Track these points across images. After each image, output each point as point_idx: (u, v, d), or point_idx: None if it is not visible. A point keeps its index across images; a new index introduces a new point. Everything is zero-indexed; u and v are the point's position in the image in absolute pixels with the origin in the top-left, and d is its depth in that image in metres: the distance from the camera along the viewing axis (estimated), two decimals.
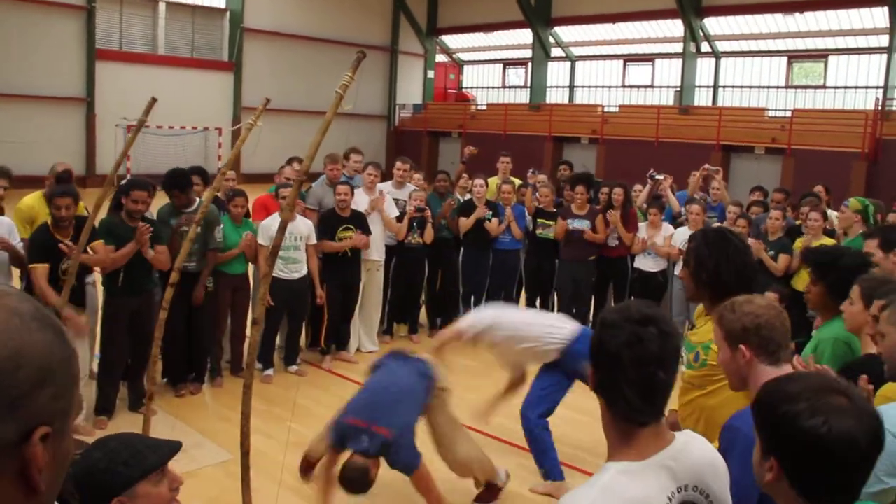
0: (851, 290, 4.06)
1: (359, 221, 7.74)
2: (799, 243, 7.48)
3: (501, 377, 5.78)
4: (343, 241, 7.62)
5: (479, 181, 8.92)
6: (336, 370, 7.74)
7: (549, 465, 5.28)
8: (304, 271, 7.40)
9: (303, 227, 7.37)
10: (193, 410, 6.57)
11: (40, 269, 5.48)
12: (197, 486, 4.94)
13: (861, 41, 23.81)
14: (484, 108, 31.97)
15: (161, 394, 6.93)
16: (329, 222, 7.67)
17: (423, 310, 9.20)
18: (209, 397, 6.95)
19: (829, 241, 7.20)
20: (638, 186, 9.69)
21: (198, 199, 6.79)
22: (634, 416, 1.83)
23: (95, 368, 6.40)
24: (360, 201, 8.05)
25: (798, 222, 8.23)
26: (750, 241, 7.56)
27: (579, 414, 6.10)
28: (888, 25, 21.89)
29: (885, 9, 21.58)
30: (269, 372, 7.38)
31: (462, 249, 8.96)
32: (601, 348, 1.86)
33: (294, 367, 7.60)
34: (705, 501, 1.91)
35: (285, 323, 7.63)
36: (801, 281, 7.14)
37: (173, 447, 2.20)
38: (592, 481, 1.85)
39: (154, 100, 4.98)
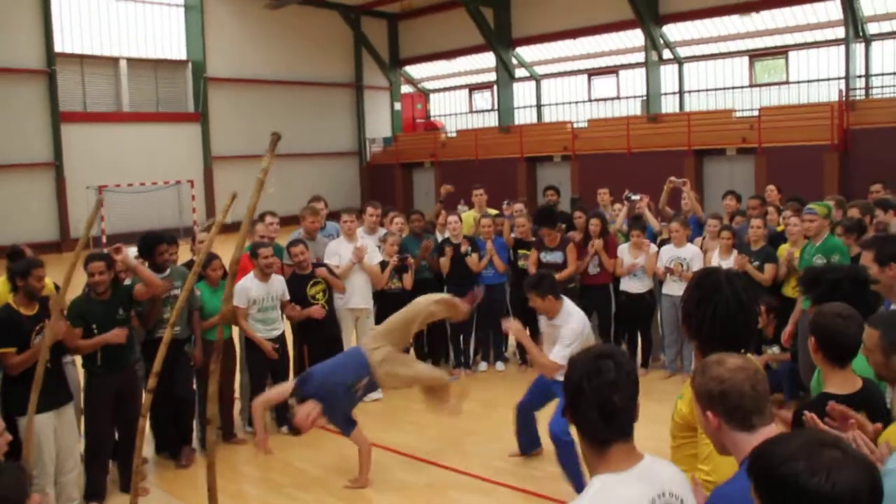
0: (862, 256, 4.10)
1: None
2: (782, 250, 7.44)
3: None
4: (315, 296, 7.51)
5: (452, 218, 8.87)
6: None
7: (575, 476, 5.50)
8: (282, 328, 7.32)
9: (278, 285, 7.28)
10: (188, 484, 6.36)
11: (8, 355, 5.29)
12: None
13: (818, 35, 24.06)
14: (454, 135, 32.04)
15: (156, 469, 6.77)
16: (296, 285, 7.54)
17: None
18: (201, 468, 6.75)
19: None
20: (618, 206, 9.61)
21: (169, 266, 6.70)
22: (599, 435, 2.14)
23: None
24: (343, 251, 7.95)
25: (780, 228, 8.20)
26: (736, 256, 7.55)
27: None
28: (842, 17, 22.18)
29: (838, 1, 21.86)
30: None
31: (445, 289, 8.84)
32: (568, 381, 2.18)
33: (286, 428, 7.43)
34: None
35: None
36: (791, 288, 7.11)
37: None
38: (581, 494, 2.14)
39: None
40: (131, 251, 7.13)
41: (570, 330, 5.88)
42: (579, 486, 5.39)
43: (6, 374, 5.41)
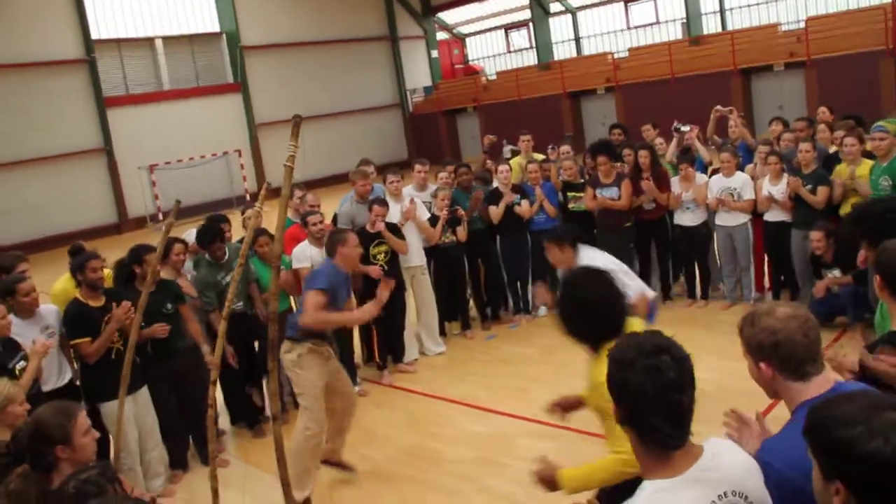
0: None
1: (391, 232, 7.69)
2: (842, 169, 7.24)
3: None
4: (376, 257, 7.59)
5: (503, 167, 8.80)
6: (397, 384, 7.73)
7: None
8: None
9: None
10: (264, 453, 6.56)
11: (83, 344, 5.54)
12: None
13: None
14: (494, 77, 31.66)
15: (231, 440, 7.01)
16: (360, 241, 7.61)
17: (471, 304, 9.14)
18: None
19: (869, 164, 6.95)
20: (659, 140, 9.42)
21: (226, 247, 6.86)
22: (668, 442, 1.96)
23: None
24: (391, 212, 8.01)
25: (833, 149, 7.97)
26: (788, 178, 7.39)
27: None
28: None
29: None
30: None
31: (498, 238, 8.87)
32: (623, 387, 1.99)
33: (356, 388, 7.59)
34: None
35: None
36: (849, 209, 6.96)
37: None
38: (630, 501, 1.96)
39: (179, 202, 4.98)
40: (190, 234, 7.31)
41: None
42: None
43: (84, 363, 5.65)
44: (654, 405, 1.92)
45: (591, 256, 5.48)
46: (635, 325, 3.27)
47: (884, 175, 6.43)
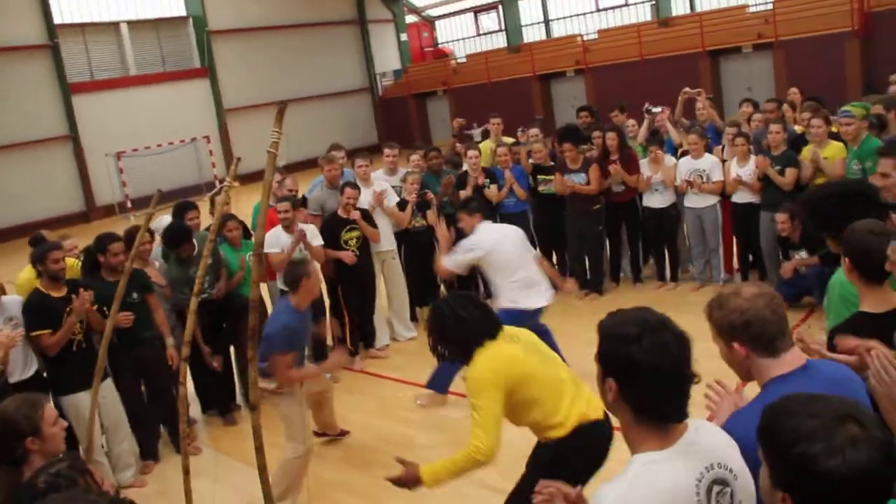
0: (880, 163, 4.00)
1: (363, 219, 7.66)
2: (806, 152, 7.32)
3: None
4: (348, 242, 7.55)
5: (472, 152, 8.79)
6: (368, 369, 7.72)
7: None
8: None
9: (308, 233, 7.31)
10: (236, 441, 6.56)
11: (44, 336, 5.45)
12: None
13: None
14: (464, 60, 31.54)
15: (202, 429, 6.97)
16: (332, 226, 7.59)
17: (442, 289, 9.13)
18: (249, 423, 6.92)
19: (836, 146, 7.03)
20: (631, 122, 9.45)
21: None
22: (674, 417, 1.96)
23: None
24: (361, 196, 7.96)
25: (800, 130, 8.04)
26: (756, 158, 7.46)
27: None
28: None
29: None
30: None
31: None
32: (628, 362, 1.93)
33: (327, 375, 7.57)
34: (731, 476, 1.98)
35: None
36: None
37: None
38: (619, 476, 1.95)
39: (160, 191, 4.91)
40: (165, 219, 7.22)
41: (468, 241, 6.32)
42: None
43: (45, 356, 5.57)
44: (664, 381, 1.91)
45: (489, 226, 6.48)
46: (512, 333, 3.79)
47: (854, 159, 6.51)
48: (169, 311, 6.48)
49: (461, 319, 3.67)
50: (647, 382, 1.92)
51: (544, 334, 5.70)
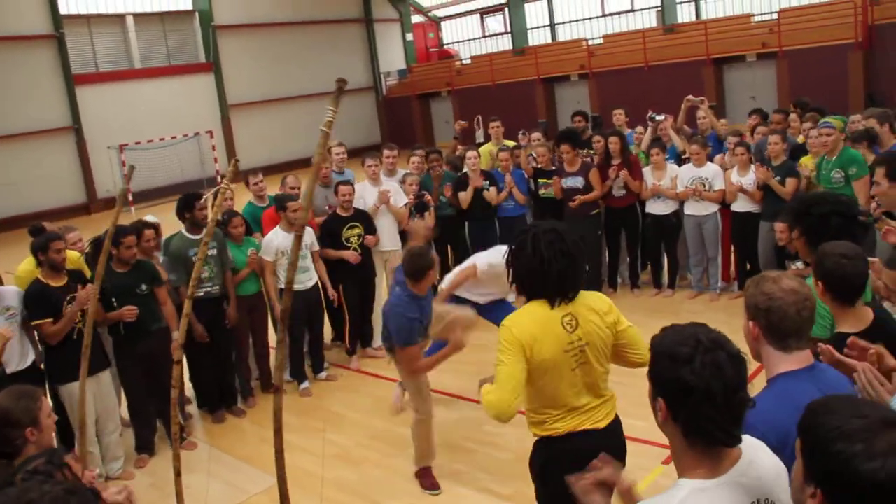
0: (875, 173, 4.05)
1: (362, 217, 7.68)
2: (807, 160, 7.34)
3: None
4: (349, 240, 7.58)
5: (471, 153, 8.81)
6: (365, 369, 7.74)
7: None
8: (315, 279, 7.37)
9: (307, 236, 7.30)
10: (231, 436, 6.59)
11: (44, 325, 5.49)
12: None
13: None
14: (468, 61, 31.55)
15: (199, 424, 6.99)
16: (333, 225, 7.61)
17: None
18: (245, 420, 6.96)
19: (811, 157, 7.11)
20: (639, 128, 9.46)
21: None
22: (727, 441, 1.89)
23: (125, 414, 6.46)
24: (368, 196, 7.97)
25: (801, 140, 8.07)
26: (756, 167, 7.49)
27: None
28: None
29: None
30: (306, 385, 7.35)
31: (467, 224, 8.89)
32: (679, 384, 1.87)
33: (323, 374, 7.60)
34: None
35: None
36: None
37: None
38: (665, 498, 1.90)
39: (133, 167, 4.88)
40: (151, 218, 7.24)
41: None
42: None
43: (46, 344, 5.61)
44: (716, 404, 1.84)
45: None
46: (578, 313, 3.25)
47: (835, 168, 6.59)
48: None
49: (535, 261, 3.23)
50: (699, 405, 1.85)
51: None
